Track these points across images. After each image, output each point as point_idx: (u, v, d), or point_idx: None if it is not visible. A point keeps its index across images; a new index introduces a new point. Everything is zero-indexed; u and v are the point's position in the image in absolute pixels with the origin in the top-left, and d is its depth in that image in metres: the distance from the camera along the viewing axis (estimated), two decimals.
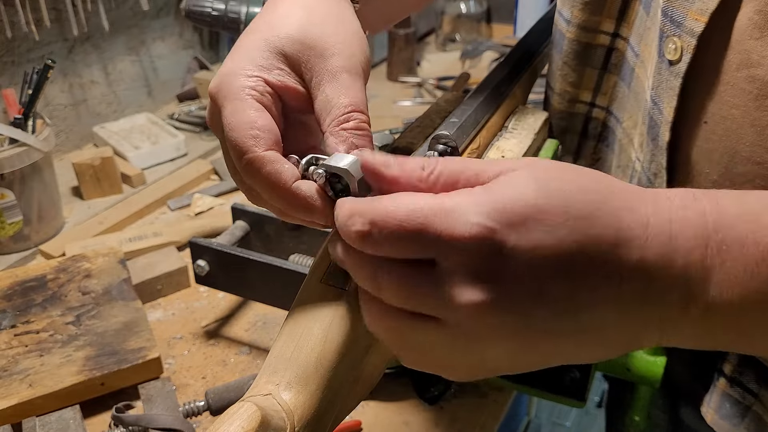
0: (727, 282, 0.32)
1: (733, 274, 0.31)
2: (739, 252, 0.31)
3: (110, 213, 1.06)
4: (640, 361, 0.61)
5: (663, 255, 0.32)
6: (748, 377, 0.54)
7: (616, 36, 0.59)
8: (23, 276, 0.85)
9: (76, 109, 1.25)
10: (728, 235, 0.32)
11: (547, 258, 0.31)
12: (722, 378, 0.56)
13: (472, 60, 1.62)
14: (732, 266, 0.31)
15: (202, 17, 1.10)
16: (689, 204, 0.33)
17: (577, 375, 0.60)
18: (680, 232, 0.32)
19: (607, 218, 0.32)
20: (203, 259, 0.76)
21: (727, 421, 0.55)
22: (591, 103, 0.64)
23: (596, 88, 0.62)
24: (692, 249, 0.32)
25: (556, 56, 0.64)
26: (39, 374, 0.71)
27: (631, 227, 0.32)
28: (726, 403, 0.56)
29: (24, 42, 1.12)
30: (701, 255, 0.32)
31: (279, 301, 0.74)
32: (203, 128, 1.32)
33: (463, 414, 0.72)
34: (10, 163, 0.92)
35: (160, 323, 0.85)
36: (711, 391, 0.57)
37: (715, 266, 0.32)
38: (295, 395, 0.36)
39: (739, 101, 0.45)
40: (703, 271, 0.32)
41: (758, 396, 0.54)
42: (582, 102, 0.64)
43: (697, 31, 0.45)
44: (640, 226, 0.32)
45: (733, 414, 0.55)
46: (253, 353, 0.80)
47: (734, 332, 0.33)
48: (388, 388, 0.74)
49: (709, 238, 0.32)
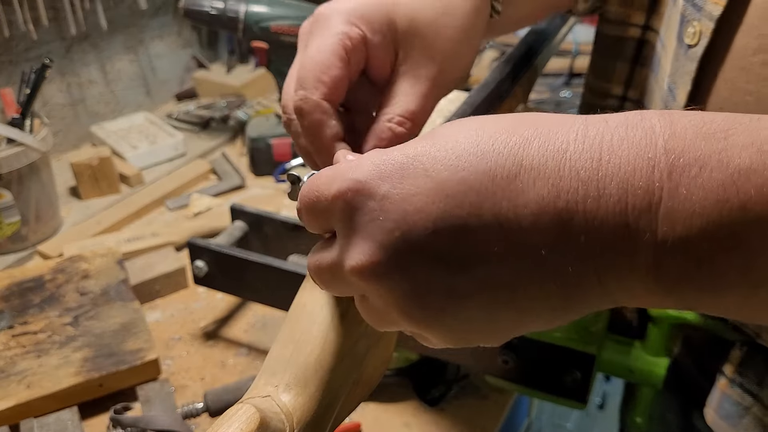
0: (681, 211, 0.24)
1: (690, 202, 0.24)
2: (698, 174, 0.24)
3: (108, 213, 1.05)
4: (642, 362, 0.61)
5: (585, 182, 0.25)
6: (749, 378, 0.54)
7: (646, 28, 0.59)
8: (21, 276, 0.85)
9: (74, 109, 1.25)
10: (684, 155, 0.25)
11: (427, 203, 0.27)
12: (723, 377, 0.55)
13: None
14: (688, 192, 0.24)
15: (201, 16, 1.09)
16: (633, 123, 0.26)
17: (578, 376, 0.60)
18: (614, 154, 0.25)
19: (509, 149, 0.27)
20: (202, 260, 0.76)
21: (725, 421, 0.55)
22: (623, 97, 0.63)
23: (627, 81, 0.62)
24: (631, 173, 0.25)
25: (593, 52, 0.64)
26: (37, 375, 0.71)
27: (541, 154, 0.26)
28: (725, 403, 0.55)
29: (22, 41, 1.12)
30: (645, 180, 0.25)
31: (278, 302, 0.74)
32: (202, 128, 1.31)
33: (464, 415, 0.72)
34: (7, 163, 0.91)
35: (158, 324, 0.85)
36: (713, 391, 0.57)
37: (663, 193, 0.25)
38: (294, 397, 0.36)
39: (753, 87, 0.44)
40: (646, 199, 0.25)
41: (758, 397, 0.53)
42: (613, 96, 0.64)
43: (715, 14, 0.45)
44: (556, 151, 0.26)
45: (732, 414, 0.55)
46: (252, 354, 0.80)
47: (695, 282, 0.26)
48: (389, 389, 0.74)
49: (657, 160, 0.25)
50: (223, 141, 1.29)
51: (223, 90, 1.39)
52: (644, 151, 0.25)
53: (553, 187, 0.26)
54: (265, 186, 1.15)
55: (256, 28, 1.10)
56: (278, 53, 1.13)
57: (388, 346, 0.42)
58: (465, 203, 0.27)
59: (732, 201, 0.24)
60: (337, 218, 0.30)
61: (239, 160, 1.22)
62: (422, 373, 0.74)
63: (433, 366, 0.75)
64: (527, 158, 0.27)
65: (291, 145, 1.16)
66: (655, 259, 0.25)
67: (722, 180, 0.24)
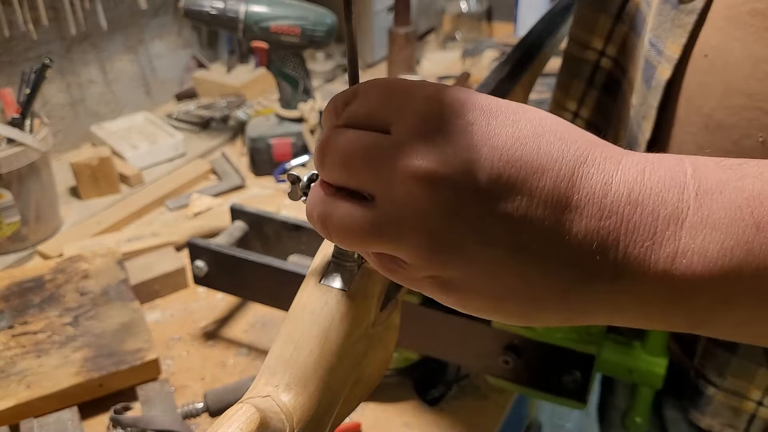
0: (701, 224, 0.28)
1: (711, 218, 0.28)
2: (719, 196, 0.28)
3: (108, 213, 1.05)
4: (642, 362, 0.61)
5: (631, 187, 0.28)
6: (742, 386, 0.55)
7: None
8: (21, 276, 0.85)
9: (74, 109, 1.25)
10: (707, 180, 0.28)
11: (514, 147, 0.28)
12: (711, 386, 0.56)
13: (473, 59, 1.62)
14: (710, 210, 0.28)
15: (201, 16, 1.09)
16: (665, 157, 0.30)
17: (578, 376, 0.60)
18: (654, 167, 0.29)
19: (576, 144, 0.29)
20: (202, 260, 0.76)
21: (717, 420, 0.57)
22: (601, 52, 0.65)
23: (608, 36, 0.64)
24: (666, 191, 0.28)
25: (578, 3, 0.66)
26: (37, 375, 0.71)
27: (603, 155, 0.29)
28: (709, 406, 0.57)
29: (22, 41, 1.12)
30: (676, 196, 0.28)
31: (278, 302, 0.74)
32: (202, 128, 1.31)
33: (464, 416, 0.72)
34: (7, 163, 0.91)
35: (158, 324, 0.85)
36: (704, 395, 0.57)
37: (690, 208, 0.28)
38: (294, 397, 0.36)
39: (740, 34, 0.46)
40: (675, 213, 0.28)
41: (747, 397, 0.55)
42: (592, 49, 0.65)
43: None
44: (611, 158, 0.29)
45: (725, 415, 0.56)
46: (252, 354, 0.80)
47: (709, 292, 0.28)
48: (389, 389, 0.74)
49: (686, 184, 0.28)
50: (223, 141, 1.29)
51: (223, 90, 1.39)
52: (676, 176, 0.29)
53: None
54: (265, 186, 1.15)
55: (256, 28, 1.10)
56: (278, 53, 1.13)
57: (388, 347, 0.42)
58: (535, 166, 0.28)
59: (747, 220, 0.27)
60: (417, 112, 0.29)
61: (239, 160, 1.22)
62: (422, 373, 0.74)
63: (433, 366, 0.75)
64: (589, 158, 0.29)
65: (291, 145, 1.16)
66: (673, 264, 0.28)
67: (739, 203, 0.28)
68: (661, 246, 0.28)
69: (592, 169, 0.29)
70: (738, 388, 0.56)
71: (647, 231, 0.28)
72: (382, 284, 0.40)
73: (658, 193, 0.28)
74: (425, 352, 0.70)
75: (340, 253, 0.39)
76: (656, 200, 0.28)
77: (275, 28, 1.10)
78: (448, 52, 1.72)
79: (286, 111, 1.18)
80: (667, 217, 0.28)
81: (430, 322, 0.64)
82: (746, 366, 0.55)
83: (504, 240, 0.28)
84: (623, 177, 0.29)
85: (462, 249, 0.29)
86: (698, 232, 0.28)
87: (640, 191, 0.28)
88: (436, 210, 0.29)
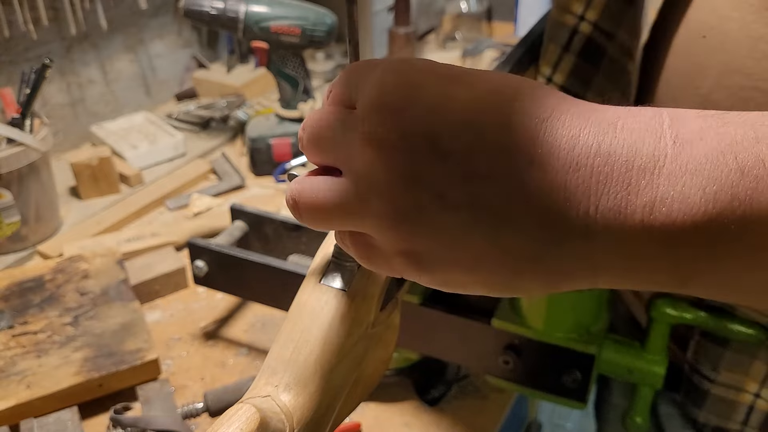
0: (680, 170, 0.26)
1: (692, 164, 0.26)
2: (699, 143, 0.26)
3: (108, 213, 1.05)
4: (642, 362, 0.61)
5: (600, 140, 0.27)
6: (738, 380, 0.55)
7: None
8: (21, 276, 0.85)
9: (74, 109, 1.25)
10: (685, 128, 0.27)
11: (463, 105, 0.28)
12: (706, 381, 0.57)
13: (473, 59, 1.62)
14: (690, 155, 0.26)
15: (201, 16, 1.09)
16: (643, 107, 0.29)
17: (578, 376, 0.60)
18: (627, 120, 0.28)
19: (539, 102, 0.28)
20: (202, 260, 0.76)
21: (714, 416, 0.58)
22: (581, 17, 0.64)
23: (588, 1, 0.62)
24: (640, 142, 0.27)
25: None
26: (37, 375, 0.71)
27: (571, 111, 0.28)
28: (706, 401, 0.57)
29: (22, 41, 1.12)
30: (652, 145, 0.27)
31: (278, 302, 0.74)
32: (202, 128, 1.31)
33: (464, 416, 0.72)
34: (7, 163, 0.91)
35: (158, 324, 0.85)
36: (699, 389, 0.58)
37: (667, 156, 0.26)
38: (294, 397, 0.36)
39: (737, 14, 0.46)
40: (652, 160, 0.26)
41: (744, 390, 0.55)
42: (572, 14, 0.64)
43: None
44: (580, 114, 0.28)
45: (722, 409, 0.57)
46: (252, 354, 0.80)
47: (693, 242, 0.26)
48: (389, 389, 0.74)
49: (663, 132, 0.27)
50: (223, 141, 1.29)
51: (223, 90, 1.39)
52: (652, 126, 0.27)
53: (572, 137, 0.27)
54: (265, 186, 1.15)
55: (256, 28, 1.10)
56: (278, 53, 1.13)
57: (388, 347, 0.42)
58: (494, 124, 0.28)
59: (730, 165, 0.25)
60: (374, 82, 0.30)
61: (239, 160, 1.22)
62: (422, 373, 0.74)
63: (433, 366, 0.75)
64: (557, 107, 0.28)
65: (291, 145, 1.16)
66: (652, 213, 0.26)
67: (722, 148, 0.26)
68: (637, 196, 0.26)
69: (557, 123, 0.27)
70: (733, 381, 0.56)
71: (620, 182, 0.26)
72: (382, 284, 0.40)
73: (632, 144, 0.27)
74: (425, 352, 0.70)
75: (340, 253, 0.39)
76: (630, 150, 0.27)
77: (275, 28, 1.10)
78: (448, 52, 1.72)
79: (286, 111, 1.18)
80: (642, 167, 0.26)
81: (430, 322, 0.64)
82: (739, 359, 0.55)
83: (465, 202, 0.28)
84: (592, 130, 0.27)
85: (425, 216, 0.29)
86: (677, 179, 0.26)
87: (611, 143, 0.27)
88: (396, 177, 0.28)
